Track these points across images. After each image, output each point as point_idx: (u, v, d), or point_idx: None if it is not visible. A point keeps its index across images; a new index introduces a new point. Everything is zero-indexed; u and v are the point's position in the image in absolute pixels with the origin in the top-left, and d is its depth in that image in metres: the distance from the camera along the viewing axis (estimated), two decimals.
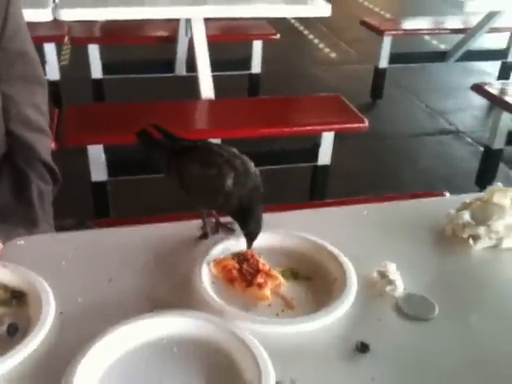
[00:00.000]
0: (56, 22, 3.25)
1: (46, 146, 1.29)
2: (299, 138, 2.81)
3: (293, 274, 0.88)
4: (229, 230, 0.99)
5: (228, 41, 3.79)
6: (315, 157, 2.55)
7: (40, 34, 3.17)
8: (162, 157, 0.97)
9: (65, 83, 3.44)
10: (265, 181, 0.94)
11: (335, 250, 0.92)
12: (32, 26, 3.14)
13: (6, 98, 1.18)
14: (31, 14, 2.39)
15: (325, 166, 2.57)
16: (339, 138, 2.54)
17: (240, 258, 0.89)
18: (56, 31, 3.21)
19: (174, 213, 1.35)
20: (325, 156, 2.54)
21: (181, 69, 3.48)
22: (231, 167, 0.89)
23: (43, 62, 3.28)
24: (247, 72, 3.73)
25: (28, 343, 0.71)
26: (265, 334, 0.76)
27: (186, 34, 2.97)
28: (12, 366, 0.69)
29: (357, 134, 2.79)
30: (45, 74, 3.31)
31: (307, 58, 5.10)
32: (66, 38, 3.16)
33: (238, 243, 0.92)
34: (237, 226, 0.99)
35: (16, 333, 0.74)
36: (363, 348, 0.75)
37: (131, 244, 0.94)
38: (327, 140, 2.49)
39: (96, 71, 3.42)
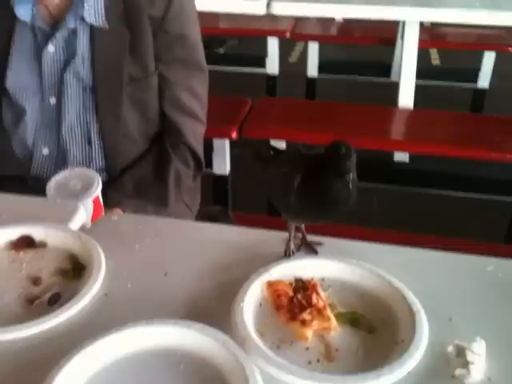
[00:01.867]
0: (282, 17, 3.39)
1: (195, 131, 1.33)
2: (508, 166, 2.43)
3: (353, 320, 0.74)
4: (311, 250, 0.88)
5: (457, 49, 3.47)
6: None
7: (265, 28, 3.33)
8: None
9: (282, 78, 3.56)
10: (456, 208, 0.80)
11: (416, 305, 0.74)
12: (257, 18, 3.32)
13: (162, 79, 1.24)
14: (247, 6, 2.53)
15: None
16: None
17: (299, 284, 0.78)
18: (280, 26, 3.32)
19: None
20: None
21: (397, 74, 3.31)
22: (305, 165, 0.79)
23: (265, 55, 3.44)
24: (472, 86, 3.38)
25: (54, 316, 0.73)
26: (279, 381, 0.65)
27: (401, 38, 2.80)
28: (31, 334, 0.71)
29: None
30: (264, 67, 3.49)
31: None
32: (288, 34, 3.24)
33: (306, 267, 0.82)
34: (321, 249, 0.88)
35: (55, 303, 0.77)
36: None
37: (205, 242, 0.90)
38: None
39: (312, 69, 3.46)
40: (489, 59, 3.24)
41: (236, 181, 2.35)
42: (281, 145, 2.31)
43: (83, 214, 0.95)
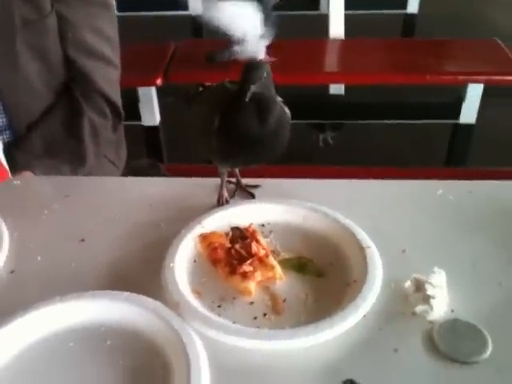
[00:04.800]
0: None
1: (109, 77, 1.18)
2: (442, 89, 2.41)
3: (299, 266, 0.66)
4: (248, 194, 0.79)
5: None
6: (457, 113, 2.15)
7: None
8: None
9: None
10: (395, 137, 0.71)
11: (366, 240, 0.67)
12: None
13: (62, 20, 1.08)
14: None
15: (468, 126, 2.16)
16: (489, 93, 2.10)
17: (236, 233, 0.69)
18: None
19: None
20: (469, 113, 2.12)
21: (326, 6, 3.19)
22: (225, 102, 0.68)
23: None
24: (402, 11, 3.31)
25: None
26: (221, 343, 0.57)
27: None
28: None
29: None
30: (187, 9, 3.28)
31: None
32: None
33: (243, 214, 0.73)
34: (258, 191, 0.79)
35: None
36: None
37: (127, 199, 0.80)
38: (473, 93, 2.07)
39: None
40: None
41: (169, 131, 2.22)
42: None
43: None
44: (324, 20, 3.01)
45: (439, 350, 0.56)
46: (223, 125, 0.68)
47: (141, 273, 0.67)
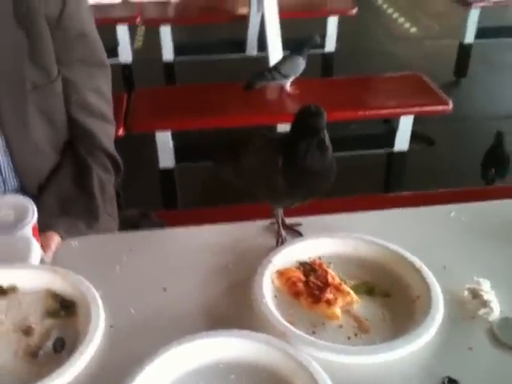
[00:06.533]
0: (129, 4, 3.26)
1: (108, 133, 1.24)
2: (374, 121, 2.65)
3: (367, 290, 0.77)
4: (296, 233, 0.89)
5: (301, 17, 3.63)
6: (391, 143, 2.38)
7: (113, 16, 3.18)
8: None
9: (137, 66, 3.44)
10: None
11: (417, 261, 0.79)
12: (104, 7, 3.14)
13: (67, 83, 1.13)
14: None
15: (402, 153, 2.39)
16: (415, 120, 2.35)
17: (306, 268, 0.79)
18: (128, 12, 3.19)
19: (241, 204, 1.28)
20: (402, 142, 2.36)
21: (252, 48, 3.38)
22: (280, 145, 0.79)
23: (116, 45, 3.29)
24: (321, 51, 3.57)
25: (75, 362, 0.65)
26: (333, 362, 0.66)
27: (257, 10, 2.85)
28: None
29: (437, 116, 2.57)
30: (117, 56, 3.34)
31: (385, 34, 4.83)
32: (138, 20, 3.13)
33: (303, 250, 0.82)
34: (303, 229, 0.89)
35: (63, 349, 0.68)
36: None
37: (189, 248, 0.86)
38: (405, 124, 2.30)
39: (167, 53, 3.39)
40: (332, 24, 3.45)
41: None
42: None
43: (37, 247, 0.84)
44: (252, 63, 3.18)
45: (503, 343, 0.69)
46: (288, 164, 0.78)
47: (229, 312, 0.74)
